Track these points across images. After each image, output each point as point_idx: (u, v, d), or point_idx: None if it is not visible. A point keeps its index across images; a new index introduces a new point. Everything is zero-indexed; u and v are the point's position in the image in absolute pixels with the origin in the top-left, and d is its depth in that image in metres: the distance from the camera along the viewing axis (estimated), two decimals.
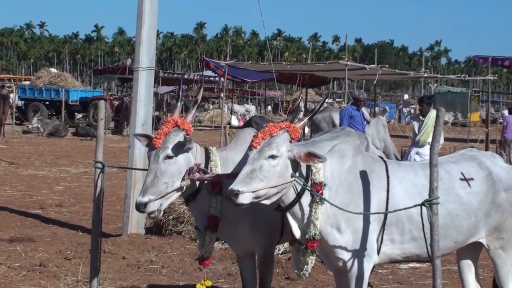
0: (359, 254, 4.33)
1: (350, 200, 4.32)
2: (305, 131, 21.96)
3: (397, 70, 28.59)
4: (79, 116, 34.38)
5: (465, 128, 38.35)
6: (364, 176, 4.37)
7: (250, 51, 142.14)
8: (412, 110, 47.87)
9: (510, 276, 4.73)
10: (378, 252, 4.40)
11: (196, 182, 4.47)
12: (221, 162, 4.64)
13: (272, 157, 4.07)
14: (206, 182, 4.53)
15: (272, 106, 56.24)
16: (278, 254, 7.53)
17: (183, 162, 4.41)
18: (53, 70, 41.43)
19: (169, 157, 4.36)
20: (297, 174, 4.16)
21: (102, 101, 5.75)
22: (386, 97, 68.19)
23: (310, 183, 4.24)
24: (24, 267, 7.21)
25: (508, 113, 19.54)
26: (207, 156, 4.61)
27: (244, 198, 3.98)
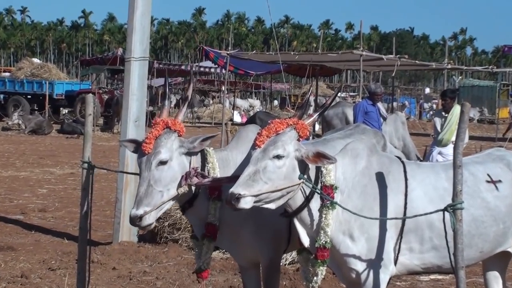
0: (374, 264, 4.33)
1: (364, 204, 4.32)
2: (315, 128, 21.96)
3: (417, 61, 28.61)
4: (65, 111, 34.41)
5: (492, 125, 38.32)
6: (379, 178, 4.37)
7: (255, 40, 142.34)
8: (434, 106, 47.92)
9: None
10: (395, 262, 4.40)
11: (193, 187, 4.45)
12: (220, 164, 4.61)
13: (277, 157, 4.06)
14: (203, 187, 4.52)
15: (278, 100, 56.33)
16: (285, 265, 7.55)
17: (178, 167, 4.39)
18: (35, 60, 41.40)
19: (162, 162, 4.32)
20: (305, 176, 4.17)
21: (90, 94, 5.77)
22: (405, 91, 68.18)
23: (320, 186, 4.24)
24: (3, 279, 7.22)
25: None
26: (203, 157, 4.57)
27: (246, 203, 3.98)
